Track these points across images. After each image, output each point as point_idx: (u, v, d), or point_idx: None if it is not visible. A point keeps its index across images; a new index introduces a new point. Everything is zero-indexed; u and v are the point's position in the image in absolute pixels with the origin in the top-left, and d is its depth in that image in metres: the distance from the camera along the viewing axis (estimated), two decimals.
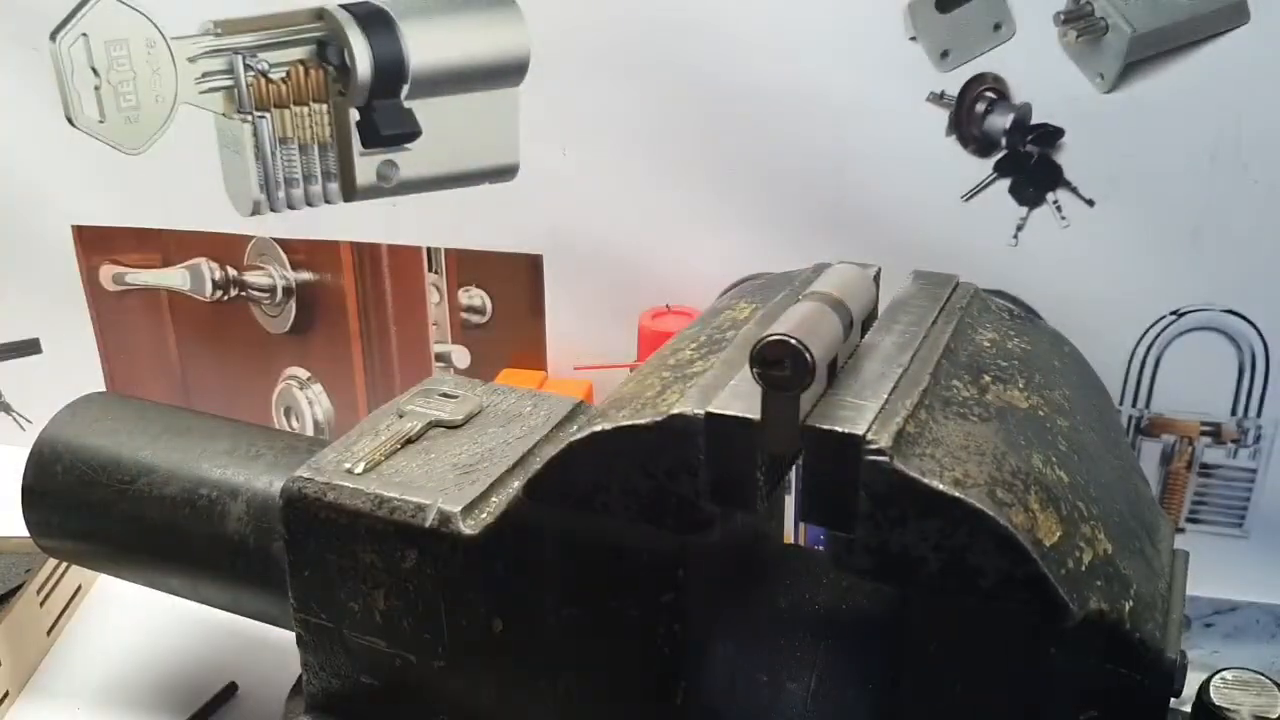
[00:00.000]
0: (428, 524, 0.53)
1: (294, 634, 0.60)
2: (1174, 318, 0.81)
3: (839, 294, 0.46)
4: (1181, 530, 0.86)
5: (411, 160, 0.93)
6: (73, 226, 1.01)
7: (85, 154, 0.96)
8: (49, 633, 0.77)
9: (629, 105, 0.86)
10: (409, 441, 0.59)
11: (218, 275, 1.01)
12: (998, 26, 0.77)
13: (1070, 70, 0.77)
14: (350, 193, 0.95)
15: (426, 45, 0.90)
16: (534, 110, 0.89)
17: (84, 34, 0.93)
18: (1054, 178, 0.80)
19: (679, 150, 0.86)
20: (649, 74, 0.85)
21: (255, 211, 0.96)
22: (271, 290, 1.01)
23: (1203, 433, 0.83)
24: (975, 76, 0.79)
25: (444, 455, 0.58)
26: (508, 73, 0.88)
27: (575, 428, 0.56)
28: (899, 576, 0.43)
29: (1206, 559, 0.62)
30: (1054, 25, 0.76)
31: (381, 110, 0.92)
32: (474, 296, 0.98)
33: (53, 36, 0.93)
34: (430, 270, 0.97)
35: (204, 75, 0.93)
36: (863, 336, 0.50)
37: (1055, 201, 0.80)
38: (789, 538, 0.69)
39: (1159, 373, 0.83)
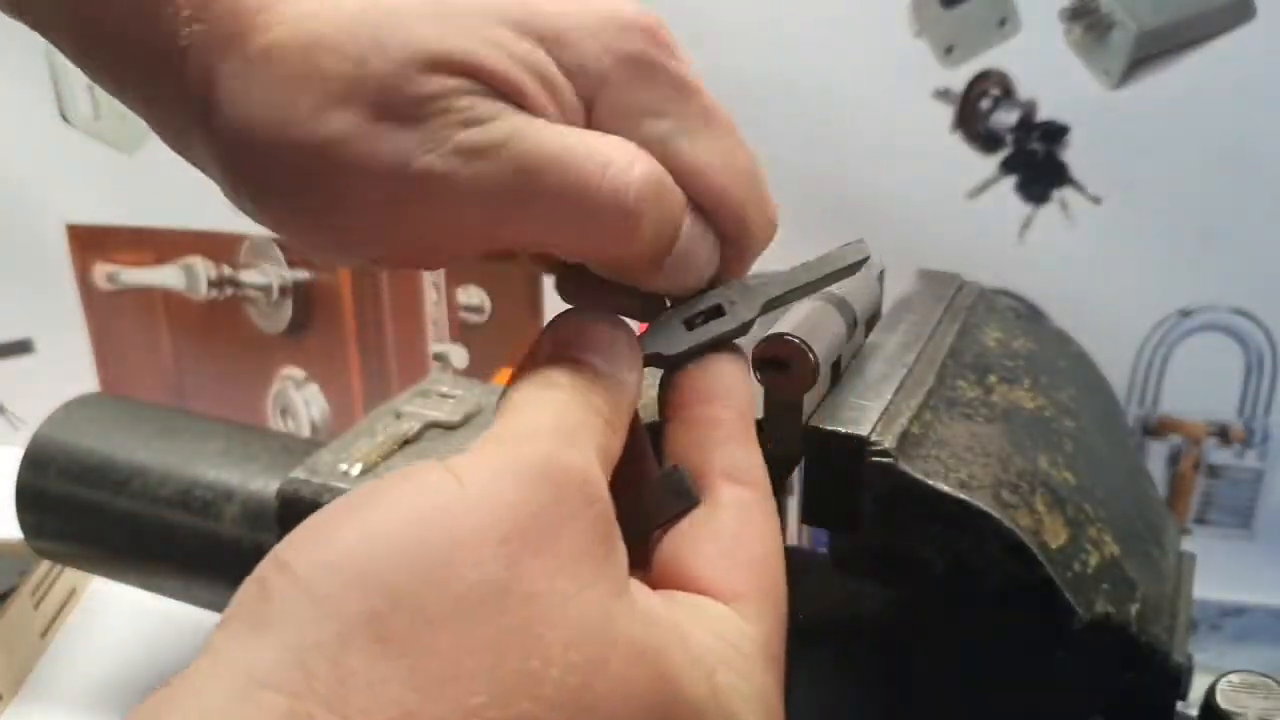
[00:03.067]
0: None
1: None
2: (1181, 317, 0.80)
3: (842, 293, 0.46)
4: (1188, 532, 0.85)
5: None
6: (66, 225, 1.01)
7: (79, 152, 0.96)
8: (43, 635, 0.76)
9: None
10: (406, 443, 0.59)
11: (213, 274, 1.01)
12: (1002, 22, 0.77)
13: (1076, 67, 0.76)
14: None
15: None
16: None
17: None
18: (1060, 175, 0.79)
19: None
20: None
21: None
22: (267, 289, 1.01)
23: (1210, 434, 0.83)
24: (980, 73, 0.78)
25: (441, 456, 0.57)
26: None
27: None
28: (903, 579, 0.42)
29: (1214, 561, 0.61)
30: (1059, 21, 0.76)
31: None
32: (472, 295, 0.97)
33: None
34: None
35: None
36: (866, 336, 0.49)
37: (1061, 200, 0.80)
38: (791, 540, 0.68)
39: (1166, 373, 0.82)
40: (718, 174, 0.33)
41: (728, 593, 0.30)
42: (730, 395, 0.33)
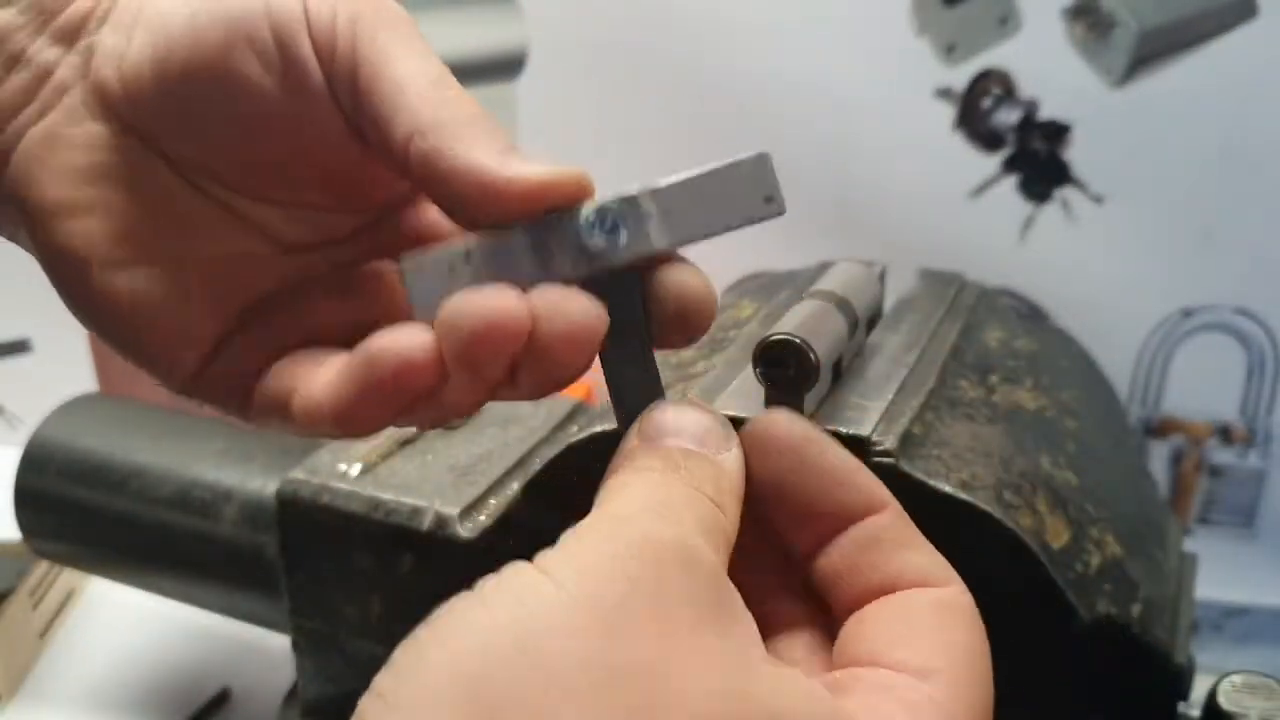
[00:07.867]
0: (424, 527, 0.52)
1: (289, 638, 0.59)
2: (1183, 317, 0.80)
3: (843, 292, 0.45)
4: (1190, 532, 0.85)
5: None
6: None
7: None
8: (41, 636, 0.76)
9: (629, 100, 0.85)
10: (406, 443, 0.59)
11: None
12: (1004, 21, 0.77)
13: (1078, 66, 0.76)
14: None
15: None
16: (532, 106, 0.88)
17: None
18: (1062, 175, 0.79)
19: (681, 146, 0.86)
20: (651, 69, 0.84)
21: None
22: None
23: (1212, 434, 0.83)
24: (982, 72, 0.78)
25: (441, 457, 0.57)
26: (505, 67, 0.87)
27: (575, 429, 0.55)
28: None
29: (1216, 561, 0.61)
30: (1060, 20, 0.76)
31: None
32: None
33: None
34: None
35: None
36: (867, 336, 0.49)
37: (1063, 199, 0.80)
38: None
39: (1168, 373, 0.82)
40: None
41: (916, 668, 0.28)
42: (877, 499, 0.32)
